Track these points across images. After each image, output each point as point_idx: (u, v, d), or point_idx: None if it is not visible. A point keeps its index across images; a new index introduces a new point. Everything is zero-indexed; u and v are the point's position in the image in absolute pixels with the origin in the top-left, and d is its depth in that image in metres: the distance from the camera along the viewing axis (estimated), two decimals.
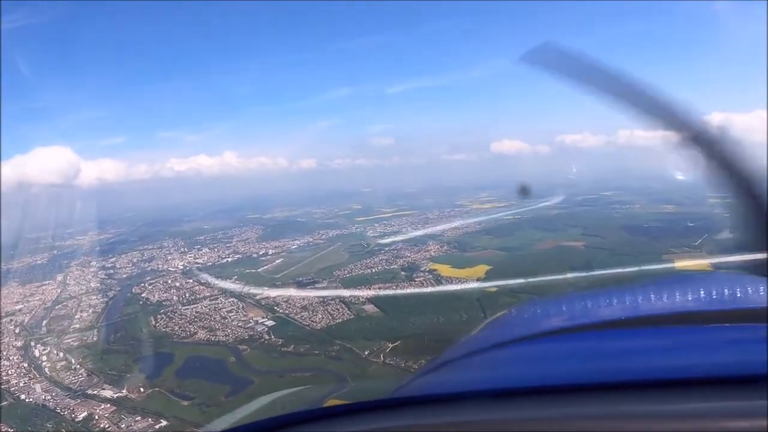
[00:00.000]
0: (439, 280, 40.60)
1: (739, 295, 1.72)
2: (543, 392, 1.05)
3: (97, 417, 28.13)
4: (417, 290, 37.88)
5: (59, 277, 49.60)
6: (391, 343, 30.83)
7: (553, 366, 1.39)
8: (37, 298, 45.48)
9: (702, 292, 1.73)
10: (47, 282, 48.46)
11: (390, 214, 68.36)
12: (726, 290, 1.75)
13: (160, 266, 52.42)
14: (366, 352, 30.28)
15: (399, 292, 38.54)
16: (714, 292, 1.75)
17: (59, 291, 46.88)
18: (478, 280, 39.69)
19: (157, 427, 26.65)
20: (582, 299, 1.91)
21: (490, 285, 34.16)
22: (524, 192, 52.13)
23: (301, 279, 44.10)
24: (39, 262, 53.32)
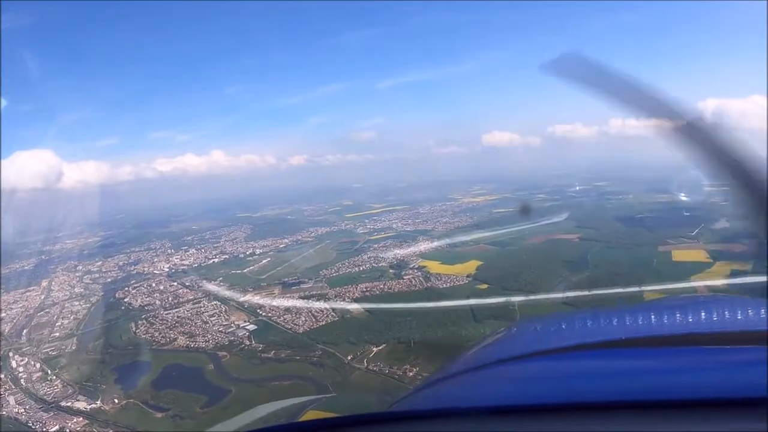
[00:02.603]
0: (428, 277, 39.28)
1: (739, 318, 1.67)
2: (543, 410, 1.07)
3: (68, 431, 26.95)
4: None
5: (44, 283, 48.41)
6: (376, 347, 29.48)
7: (553, 384, 1.40)
8: (21, 305, 44.21)
9: (702, 314, 1.70)
10: (32, 288, 47.24)
11: (380, 210, 67.20)
12: (726, 312, 1.72)
13: (145, 269, 51.25)
14: (349, 357, 28.90)
15: (387, 293, 37.09)
16: (714, 314, 1.71)
17: (43, 297, 45.76)
18: (468, 276, 38.36)
19: None
20: (582, 318, 1.93)
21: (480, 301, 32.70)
22: (525, 212, 51.06)
23: (286, 279, 42.70)
24: (26, 267, 52.31)
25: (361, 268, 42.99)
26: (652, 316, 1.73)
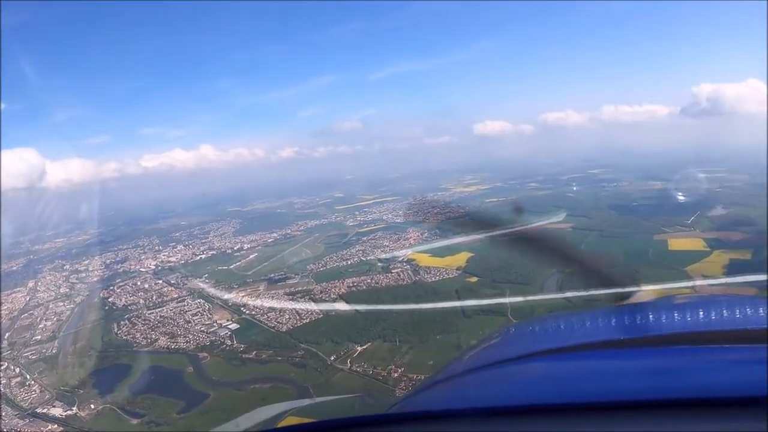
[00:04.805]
0: (417, 270, 38.14)
1: (738, 316, 1.66)
2: (541, 411, 1.08)
3: None
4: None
5: (30, 284, 47.38)
6: (360, 346, 28.40)
7: (553, 385, 1.40)
8: (5, 307, 43.01)
9: (701, 313, 1.69)
10: (18, 289, 46.26)
11: (371, 201, 66.21)
12: (725, 311, 1.71)
13: (132, 267, 50.16)
14: (332, 357, 27.83)
15: (374, 288, 35.97)
16: (713, 313, 1.69)
17: (28, 299, 44.71)
18: (458, 269, 37.24)
19: None
20: (580, 319, 1.91)
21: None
22: (518, 212, 49.95)
23: (273, 275, 41.58)
24: (13, 268, 51.22)
25: (349, 262, 41.87)
26: (651, 316, 1.69)
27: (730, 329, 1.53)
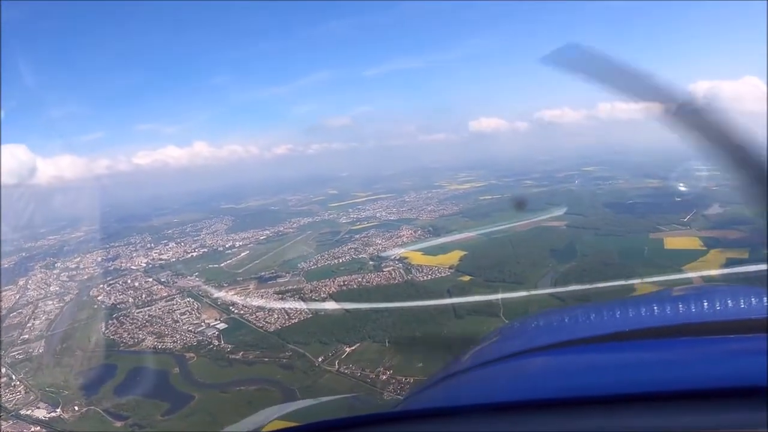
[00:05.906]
0: (409, 269, 37.62)
1: (738, 306, 1.66)
2: (545, 405, 1.09)
3: None
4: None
5: (21, 282, 46.86)
6: (349, 347, 27.92)
7: (554, 379, 1.41)
8: None
9: (702, 304, 1.69)
10: (9, 287, 45.66)
11: (365, 198, 65.77)
12: (725, 301, 1.71)
13: (123, 265, 49.62)
14: (320, 359, 27.34)
15: (364, 287, 35.44)
16: (713, 304, 1.69)
17: (18, 297, 44.18)
18: (450, 268, 36.71)
19: None
20: (583, 312, 1.92)
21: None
22: (520, 205, 49.67)
23: (263, 273, 41.06)
24: (5, 265, 50.55)
25: (341, 260, 41.38)
26: (653, 308, 1.69)
27: (731, 320, 1.51)
